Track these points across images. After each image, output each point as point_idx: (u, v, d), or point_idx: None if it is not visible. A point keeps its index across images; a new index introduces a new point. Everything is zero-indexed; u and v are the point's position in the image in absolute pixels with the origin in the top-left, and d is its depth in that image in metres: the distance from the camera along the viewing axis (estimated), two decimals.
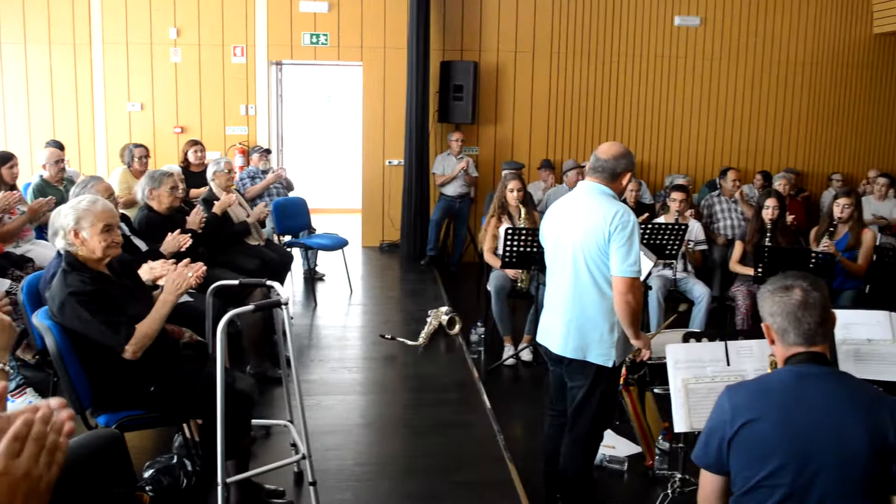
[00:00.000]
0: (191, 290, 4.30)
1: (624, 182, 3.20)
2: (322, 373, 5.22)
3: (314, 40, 8.99)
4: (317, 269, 7.75)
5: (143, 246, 4.54)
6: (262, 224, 6.52)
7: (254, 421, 3.54)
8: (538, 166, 8.74)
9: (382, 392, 5.03)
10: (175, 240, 4.48)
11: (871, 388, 2.14)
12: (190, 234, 4.65)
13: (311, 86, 12.14)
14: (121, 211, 4.93)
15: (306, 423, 3.27)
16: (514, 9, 9.20)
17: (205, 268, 3.39)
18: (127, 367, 3.05)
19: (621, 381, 3.89)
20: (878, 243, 7.58)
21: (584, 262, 3.11)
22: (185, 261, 3.39)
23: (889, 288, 5.47)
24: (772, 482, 2.00)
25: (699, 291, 5.78)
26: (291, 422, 3.66)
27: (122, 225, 4.59)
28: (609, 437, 4.32)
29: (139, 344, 3.02)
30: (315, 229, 7.67)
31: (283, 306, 3.17)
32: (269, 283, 3.50)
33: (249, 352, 4.90)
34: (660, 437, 3.98)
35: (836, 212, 5.57)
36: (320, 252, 7.62)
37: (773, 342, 2.18)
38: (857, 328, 3.38)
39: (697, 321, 5.70)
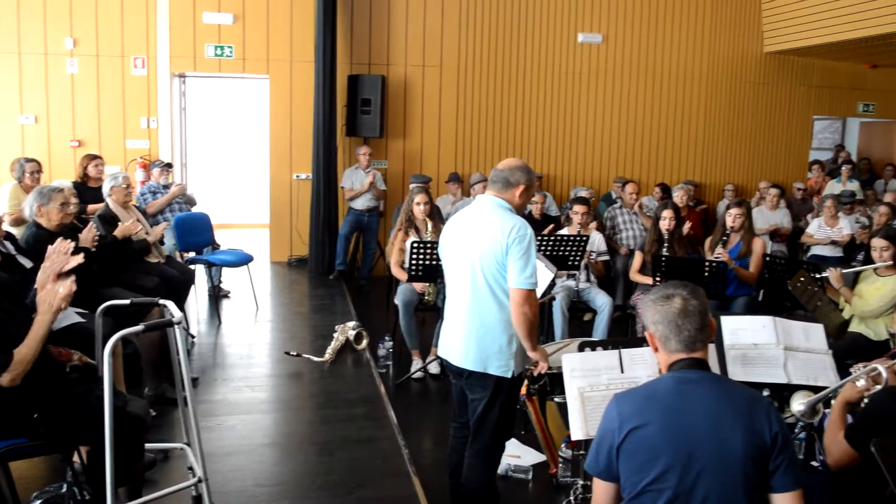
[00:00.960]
0: (81, 311, 4.15)
1: (517, 194, 3.23)
2: (225, 392, 5.09)
3: (218, 52, 8.82)
4: (221, 286, 7.58)
5: (27, 264, 4.32)
6: (163, 241, 6.33)
7: (149, 445, 3.42)
8: (446, 180, 8.80)
9: (287, 410, 4.94)
10: (58, 254, 4.24)
11: (749, 390, 2.24)
12: (82, 253, 4.46)
13: (217, 98, 11.87)
14: (6, 229, 4.71)
15: (202, 444, 3.18)
16: (421, 23, 9.26)
17: (72, 281, 3.18)
18: (7, 393, 2.89)
19: (524, 391, 3.94)
20: (768, 251, 7.96)
21: (483, 274, 3.13)
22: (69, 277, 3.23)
23: (779, 293, 5.71)
24: (658, 486, 2.06)
25: (602, 301, 5.92)
26: (189, 444, 3.54)
27: (6, 243, 4.39)
28: (514, 446, 4.36)
29: (16, 370, 2.86)
30: (219, 245, 7.49)
31: (176, 326, 3.06)
32: (162, 301, 3.37)
33: (147, 373, 4.74)
34: (563, 445, 4.03)
35: (729, 222, 5.81)
36: (225, 269, 7.44)
37: (656, 350, 2.25)
38: (744, 333, 3.52)
39: (600, 330, 5.83)
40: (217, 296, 7.36)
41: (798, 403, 3.14)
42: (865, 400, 2.82)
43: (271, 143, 9.14)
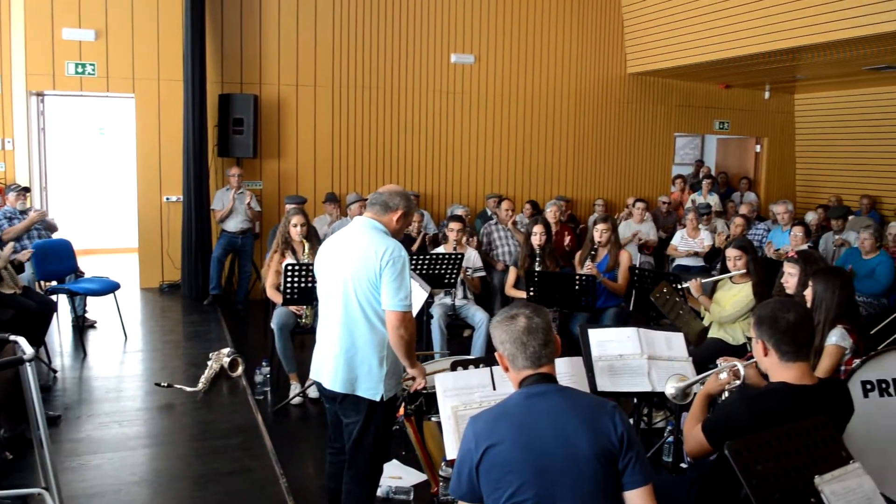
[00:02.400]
0: None
1: (395, 219, 3.25)
2: (90, 429, 4.82)
3: (80, 70, 8.40)
4: (86, 315, 7.19)
5: None
6: (19, 269, 5.94)
7: (3, 492, 3.19)
8: (323, 200, 8.71)
9: (157, 445, 4.71)
10: None
11: (593, 397, 2.38)
12: None
13: (80, 118, 11.31)
14: None
15: (62, 488, 3.00)
16: (294, 42, 9.16)
17: None
18: None
19: (401, 413, 3.94)
20: (637, 263, 8.31)
21: (356, 295, 3.12)
22: None
23: (648, 304, 5.97)
24: (517, 499, 2.12)
25: (479, 317, 6.00)
26: (47, 489, 3.32)
27: None
28: (395, 467, 4.35)
29: None
30: (83, 273, 7.12)
31: (28, 363, 2.87)
32: (12, 337, 3.16)
33: (1, 414, 4.42)
34: (443, 464, 4.04)
35: (596, 236, 6.03)
36: (90, 297, 7.07)
37: (506, 369, 2.33)
38: (610, 345, 3.66)
39: (478, 346, 5.90)
40: (81, 326, 6.97)
41: (670, 387, 3.30)
42: (726, 393, 2.99)
43: (138, 164, 8.77)
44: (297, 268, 5.20)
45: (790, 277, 4.59)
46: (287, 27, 9.12)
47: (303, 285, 5.19)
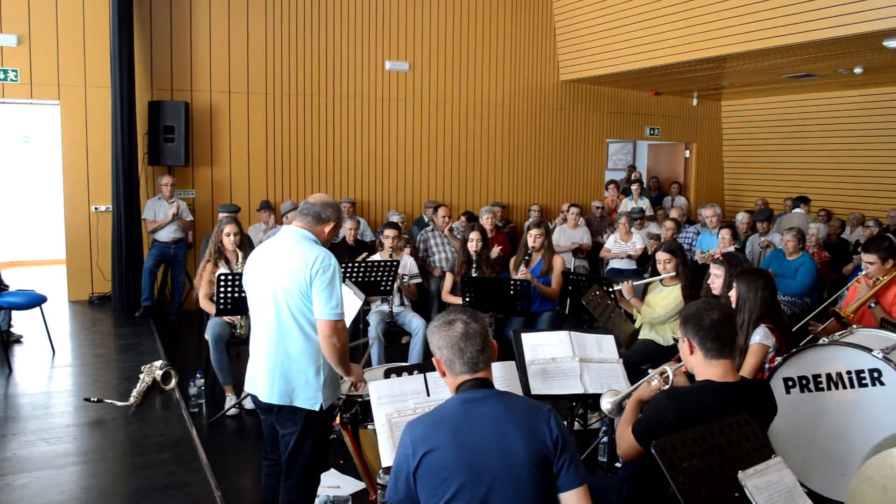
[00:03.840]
0: None
1: (327, 230, 3.26)
2: (16, 448, 4.66)
3: (2, 76, 8.13)
4: (11, 330, 6.95)
5: None
6: None
7: None
8: (258, 208, 8.61)
9: (88, 462, 4.58)
10: None
11: (529, 401, 2.39)
12: None
13: (3, 126, 10.94)
14: None
15: None
16: (225, 48, 9.04)
17: None
18: None
19: (337, 422, 3.93)
20: (572, 267, 8.45)
21: (287, 306, 3.10)
22: None
23: (583, 306, 6.07)
24: None
25: (416, 324, 6.02)
26: None
27: None
28: (334, 476, 4.33)
29: None
30: (7, 286, 6.88)
31: None
32: None
33: None
34: (380, 472, 4.04)
35: (530, 242, 6.11)
36: (15, 312, 6.83)
37: (444, 374, 2.35)
38: (543, 349, 3.72)
39: (416, 352, 5.92)
40: (6, 341, 6.73)
41: (605, 402, 3.36)
42: None
43: (65, 173, 8.52)
44: (230, 278, 5.14)
45: (716, 279, 4.74)
46: (219, 33, 9.00)
47: (236, 295, 5.13)
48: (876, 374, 3.55)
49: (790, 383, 3.79)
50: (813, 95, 12.07)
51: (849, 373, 3.64)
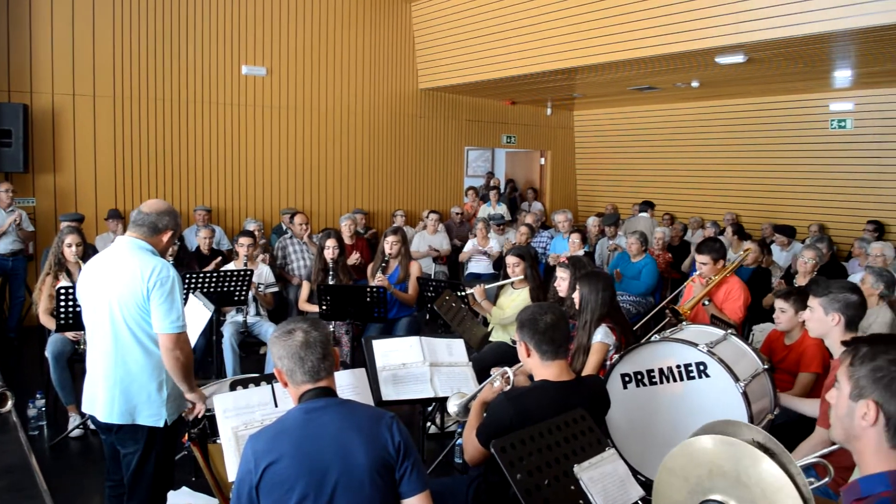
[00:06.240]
0: None
1: (164, 239, 3.16)
2: None
3: None
4: None
5: None
6: None
7: None
8: (105, 217, 8.22)
9: None
10: None
11: (372, 409, 2.42)
12: None
13: None
14: None
15: None
16: (69, 48, 8.54)
17: None
18: None
19: (186, 437, 3.82)
20: (432, 273, 8.58)
21: (124, 320, 3.00)
22: None
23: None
24: None
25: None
26: None
27: None
28: (186, 494, 4.20)
29: None
30: None
31: None
32: None
33: None
34: (233, 487, 3.97)
35: (386, 249, 6.16)
36: None
37: (286, 385, 2.35)
38: (394, 354, 3.78)
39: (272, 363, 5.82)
40: None
41: (452, 405, 3.44)
42: None
43: None
44: (72, 291, 4.89)
45: (562, 281, 4.98)
46: (61, 32, 8.49)
47: (79, 310, 4.87)
48: (702, 367, 3.82)
49: (626, 379, 4.02)
50: (657, 107, 12.88)
51: (678, 367, 3.90)
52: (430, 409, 5.13)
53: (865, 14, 6.36)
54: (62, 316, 4.91)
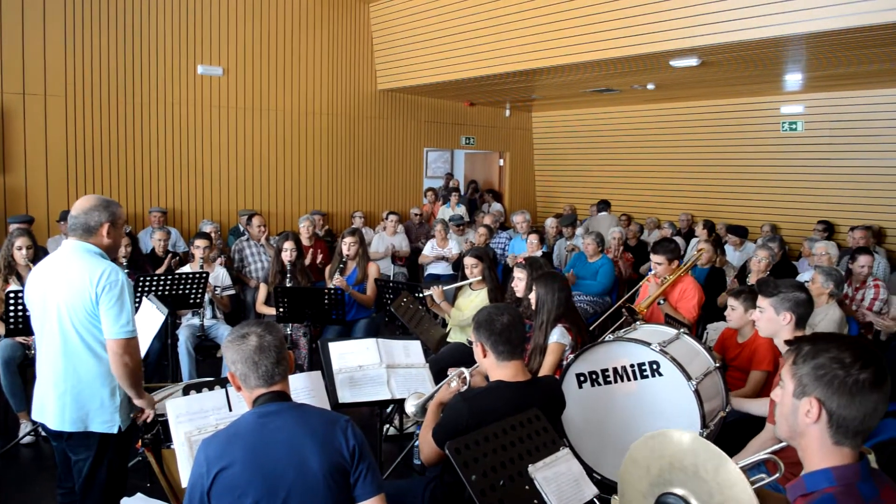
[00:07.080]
0: None
1: (104, 234, 3.06)
2: None
3: None
4: None
5: None
6: None
7: None
8: (58, 219, 8.05)
9: None
10: None
11: (326, 413, 2.41)
12: None
13: None
14: None
15: None
16: (18, 47, 8.33)
17: None
18: None
19: (140, 444, 3.77)
20: (392, 274, 8.57)
21: (73, 326, 2.94)
22: None
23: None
24: None
25: None
26: None
27: None
28: (141, 500, 4.13)
29: None
30: None
31: None
32: None
33: None
34: None
35: (344, 250, 6.14)
36: None
37: (239, 389, 2.33)
38: (350, 357, 3.78)
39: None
40: None
41: (409, 405, 3.44)
42: None
43: None
44: (21, 295, 4.78)
45: (519, 282, 5.01)
46: (10, 31, 8.27)
47: (29, 314, 4.78)
48: (655, 366, 3.89)
49: (581, 378, 4.06)
50: (614, 109, 13.04)
51: (632, 366, 3.96)
52: (388, 410, 5.12)
53: (817, 19, 6.53)
54: (11, 320, 4.81)
